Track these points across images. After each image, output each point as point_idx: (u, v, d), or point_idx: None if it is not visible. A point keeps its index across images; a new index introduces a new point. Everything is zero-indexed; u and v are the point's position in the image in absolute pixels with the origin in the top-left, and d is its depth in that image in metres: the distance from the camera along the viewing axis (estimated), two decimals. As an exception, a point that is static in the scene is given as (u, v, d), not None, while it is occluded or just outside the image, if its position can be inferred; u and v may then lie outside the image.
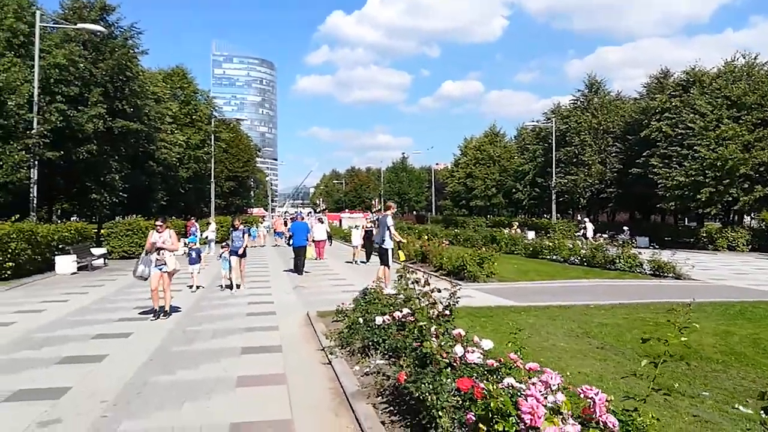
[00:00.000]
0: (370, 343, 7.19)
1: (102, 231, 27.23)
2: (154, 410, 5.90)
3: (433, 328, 5.97)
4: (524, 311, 11.70)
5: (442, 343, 5.42)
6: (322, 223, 29.19)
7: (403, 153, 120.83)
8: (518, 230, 37.57)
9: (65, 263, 20.53)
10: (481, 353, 5.07)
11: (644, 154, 38.62)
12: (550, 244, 25.99)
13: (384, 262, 14.93)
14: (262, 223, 33.47)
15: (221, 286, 16.04)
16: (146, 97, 29.67)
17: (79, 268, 21.45)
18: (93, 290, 16.11)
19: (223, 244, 17.17)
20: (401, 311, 7.42)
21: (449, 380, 4.59)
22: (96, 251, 24.12)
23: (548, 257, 25.32)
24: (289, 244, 23.60)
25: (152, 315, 11.21)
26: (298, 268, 20.06)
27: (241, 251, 15.98)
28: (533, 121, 54.26)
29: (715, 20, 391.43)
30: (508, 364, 4.74)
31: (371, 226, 24.48)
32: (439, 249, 21.48)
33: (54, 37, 24.63)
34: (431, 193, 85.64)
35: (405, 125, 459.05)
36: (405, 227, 47.73)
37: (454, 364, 5.04)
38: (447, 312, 7.03)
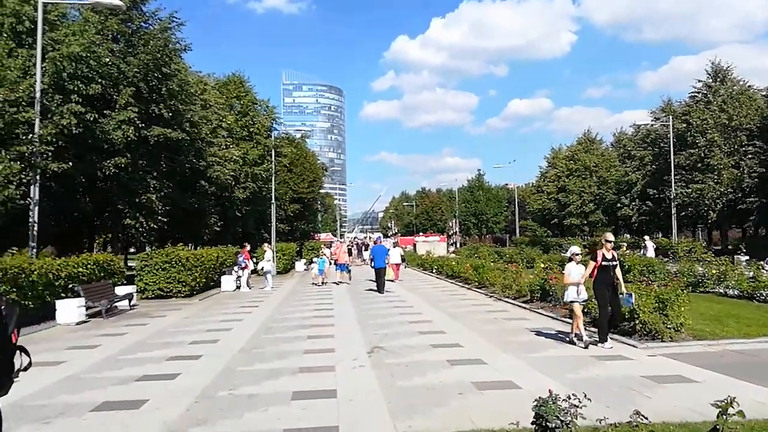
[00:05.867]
0: None
1: (135, 264, 22.39)
2: None
3: None
4: None
5: None
6: (396, 247, 31.75)
7: (479, 170, 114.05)
8: (628, 252, 30.43)
9: (68, 310, 15.44)
10: None
11: (801, 151, 30.58)
12: (715, 272, 18.93)
13: None
14: (321, 250, 27.26)
15: None
16: (189, 102, 24.79)
17: (93, 315, 16.47)
18: (81, 354, 10.73)
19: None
20: None
21: None
22: (121, 290, 19.09)
23: (714, 290, 18.36)
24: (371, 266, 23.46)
25: None
26: (379, 287, 21.46)
27: None
28: (635, 125, 46.49)
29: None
30: None
31: None
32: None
33: (73, 26, 20.14)
34: (511, 213, 78.25)
35: (473, 146, 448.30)
36: (491, 252, 41.04)
37: None
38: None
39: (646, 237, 34.46)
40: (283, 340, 11.91)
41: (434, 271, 31.11)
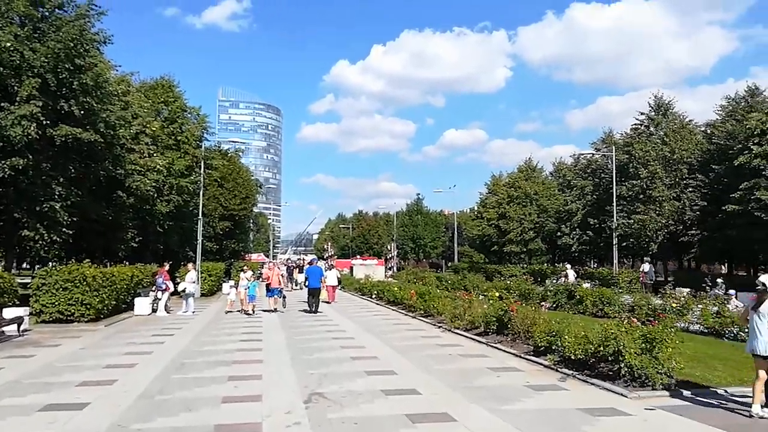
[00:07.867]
0: None
1: (33, 282, 19.30)
2: None
3: None
4: None
5: None
6: (332, 269, 30.59)
7: (418, 194, 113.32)
8: (573, 280, 29.53)
9: (-70, 337, 12.51)
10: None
11: (742, 186, 30.68)
12: (676, 305, 17.80)
13: None
14: (244, 272, 23.95)
15: None
16: (107, 101, 21.93)
17: (-32, 342, 13.53)
18: None
19: None
20: None
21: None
22: (9, 313, 16.05)
23: (674, 325, 17.08)
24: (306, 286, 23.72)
25: None
26: (312, 308, 21.67)
27: None
28: (575, 155, 46.55)
29: (716, 71, 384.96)
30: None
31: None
32: (536, 316, 13.28)
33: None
34: (449, 239, 77.52)
35: (409, 173, 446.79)
36: (435, 278, 39.40)
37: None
38: None
39: (568, 265, 34.45)
40: (198, 381, 9.60)
41: (374, 296, 29.10)
